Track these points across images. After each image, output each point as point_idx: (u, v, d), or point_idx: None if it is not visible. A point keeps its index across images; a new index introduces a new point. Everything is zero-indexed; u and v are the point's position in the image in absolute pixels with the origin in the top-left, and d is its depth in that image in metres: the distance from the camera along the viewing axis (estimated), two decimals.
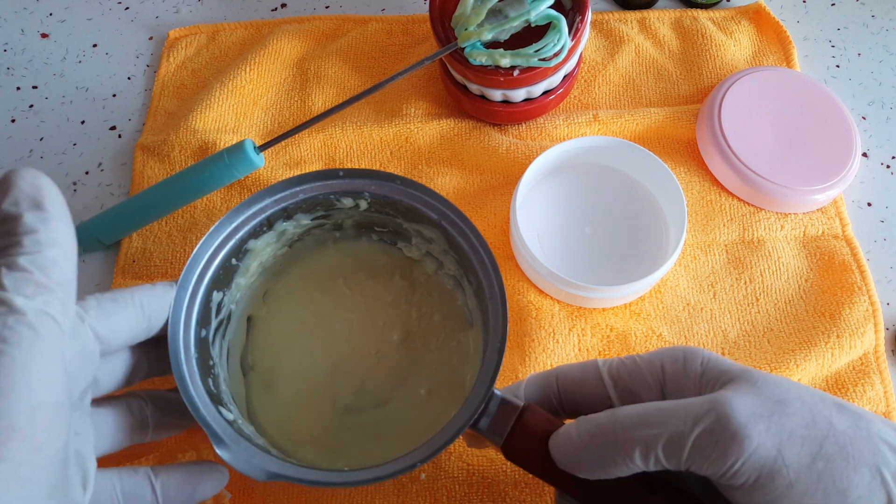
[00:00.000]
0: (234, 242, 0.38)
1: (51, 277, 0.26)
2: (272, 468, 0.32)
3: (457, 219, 0.38)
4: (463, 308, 0.42)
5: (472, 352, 0.41)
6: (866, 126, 0.54)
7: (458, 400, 0.39)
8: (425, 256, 0.43)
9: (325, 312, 0.43)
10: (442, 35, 0.48)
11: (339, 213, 0.41)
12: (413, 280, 0.44)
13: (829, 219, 0.49)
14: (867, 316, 0.45)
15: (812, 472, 0.27)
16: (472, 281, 0.39)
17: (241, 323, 0.42)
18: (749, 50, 0.57)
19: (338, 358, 0.42)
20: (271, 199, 0.38)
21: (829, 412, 0.28)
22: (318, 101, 0.54)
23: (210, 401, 0.34)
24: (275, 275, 0.43)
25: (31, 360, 0.25)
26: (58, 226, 0.27)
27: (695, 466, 0.28)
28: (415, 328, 0.42)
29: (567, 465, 0.31)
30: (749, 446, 0.27)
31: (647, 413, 0.29)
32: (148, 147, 0.52)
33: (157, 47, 0.59)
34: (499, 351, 0.34)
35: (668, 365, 0.32)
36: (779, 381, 0.29)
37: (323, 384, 0.41)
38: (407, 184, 0.39)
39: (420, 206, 0.39)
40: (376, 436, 0.40)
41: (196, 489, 0.34)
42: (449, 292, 0.43)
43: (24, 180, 0.27)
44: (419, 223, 0.40)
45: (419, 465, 0.31)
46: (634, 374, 0.32)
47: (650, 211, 0.48)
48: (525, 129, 0.52)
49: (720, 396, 0.28)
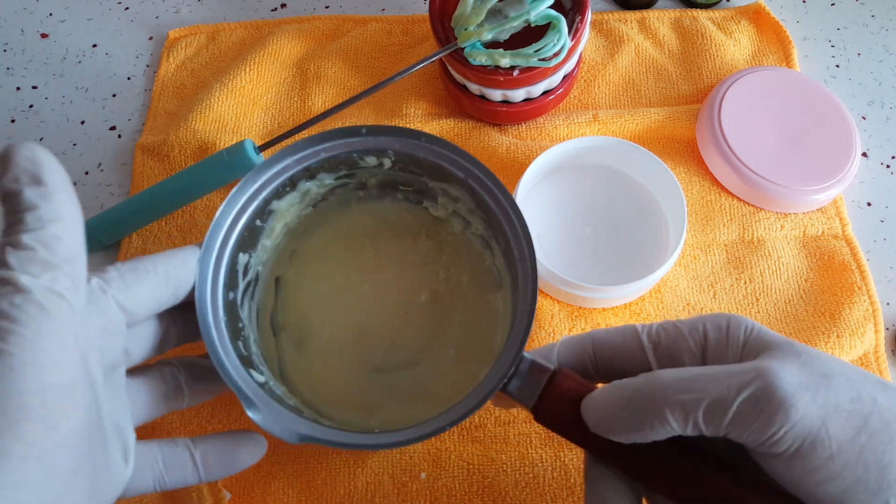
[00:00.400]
0: (258, 203, 0.37)
1: (56, 254, 0.26)
2: (303, 430, 0.32)
3: (484, 177, 0.37)
4: (491, 268, 0.41)
5: (501, 313, 0.40)
6: (866, 126, 0.54)
7: (488, 361, 0.38)
8: (452, 216, 0.42)
9: (352, 273, 0.42)
10: (442, 35, 0.48)
11: (363, 171, 0.40)
12: (440, 240, 0.43)
13: (829, 219, 0.49)
14: (867, 316, 0.45)
15: (855, 445, 0.27)
16: (500, 241, 0.38)
17: (269, 284, 0.41)
18: (749, 50, 0.57)
19: (366, 318, 0.41)
20: (293, 159, 0.37)
21: (873, 389, 0.28)
22: (318, 101, 0.54)
23: (241, 363, 0.33)
24: (301, 235, 0.43)
25: (39, 340, 0.25)
26: (59, 198, 0.26)
27: (735, 433, 0.27)
28: (442, 289, 0.42)
29: (601, 428, 0.30)
30: (795, 415, 0.26)
31: (687, 377, 0.28)
32: (148, 147, 0.52)
33: (156, 47, 0.59)
34: (528, 313, 0.33)
35: (712, 331, 0.31)
36: (824, 356, 0.29)
37: (352, 344, 0.41)
38: (432, 140, 0.38)
39: (445, 163, 0.38)
40: (407, 396, 0.39)
41: (235, 457, 0.34)
42: (477, 252, 0.42)
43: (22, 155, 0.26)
44: (445, 182, 0.39)
45: (448, 427, 0.31)
46: (677, 338, 0.31)
47: (650, 211, 0.48)
48: (525, 129, 0.52)
49: (766, 365, 0.28)
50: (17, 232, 0.26)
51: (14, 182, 0.26)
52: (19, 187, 0.26)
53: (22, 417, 0.24)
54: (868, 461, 0.26)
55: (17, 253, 0.25)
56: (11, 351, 0.24)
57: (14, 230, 0.26)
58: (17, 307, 0.24)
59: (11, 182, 0.26)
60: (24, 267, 0.25)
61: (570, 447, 0.42)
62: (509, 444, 0.42)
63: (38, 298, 0.25)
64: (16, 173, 0.26)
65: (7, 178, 0.26)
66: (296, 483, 0.41)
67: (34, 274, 0.25)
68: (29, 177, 0.26)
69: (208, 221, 0.49)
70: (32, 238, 0.25)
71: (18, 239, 0.25)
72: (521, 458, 0.41)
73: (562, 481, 0.41)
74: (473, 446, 0.42)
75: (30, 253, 0.25)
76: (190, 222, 0.50)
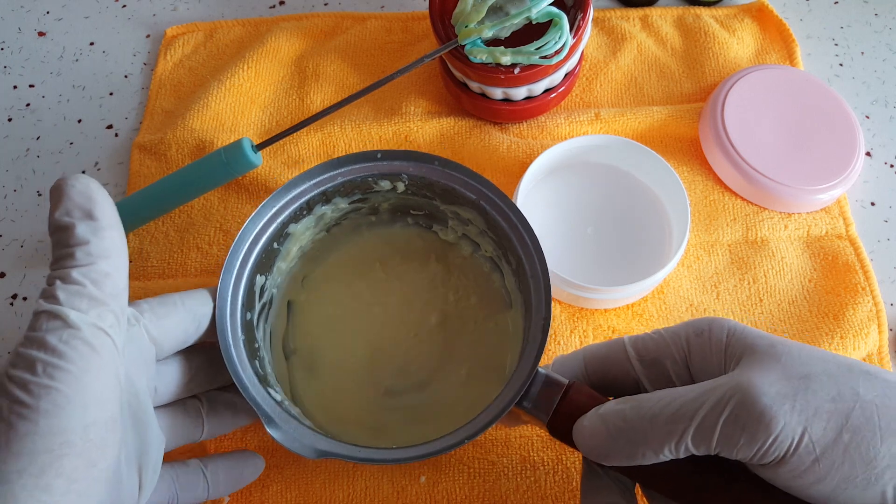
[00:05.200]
0: (276, 226, 0.38)
1: (104, 290, 0.26)
2: (322, 446, 0.33)
3: (496, 198, 0.38)
4: (500, 290, 0.43)
5: (511, 333, 0.41)
6: (870, 125, 0.54)
7: (498, 381, 0.39)
8: (461, 239, 0.44)
9: (363, 297, 0.43)
10: (442, 32, 0.47)
11: (377, 196, 0.41)
12: (449, 263, 0.44)
13: (833, 218, 0.49)
14: (871, 316, 0.45)
15: (838, 445, 0.27)
16: (511, 260, 0.39)
17: (281, 307, 0.43)
18: (752, 48, 0.56)
19: (377, 341, 0.42)
20: (311, 183, 0.39)
21: (856, 382, 0.28)
22: (317, 99, 0.54)
23: (258, 382, 0.34)
24: (312, 260, 0.44)
25: (86, 377, 0.25)
26: (109, 235, 0.27)
27: (724, 452, 0.28)
28: (452, 311, 0.43)
29: (593, 455, 0.31)
30: (776, 427, 0.27)
31: (673, 405, 0.29)
32: (145, 146, 0.52)
33: (154, 45, 0.58)
34: (543, 329, 0.34)
35: (693, 337, 0.32)
36: (805, 352, 0.29)
37: (363, 367, 0.41)
38: (445, 164, 0.39)
39: (458, 186, 0.39)
40: (418, 418, 0.40)
41: (241, 475, 0.36)
42: (485, 275, 0.43)
43: (75, 189, 0.27)
44: (457, 204, 0.40)
45: (467, 440, 0.32)
46: (660, 347, 0.33)
47: (653, 210, 0.48)
48: (526, 128, 0.52)
49: (744, 378, 0.28)
50: (67, 266, 0.26)
51: (66, 216, 0.27)
52: (72, 221, 0.27)
53: (65, 454, 0.24)
54: (854, 458, 0.27)
55: (66, 287, 0.26)
56: (59, 388, 0.24)
57: (63, 264, 0.26)
58: (65, 343, 0.25)
59: (63, 215, 0.27)
60: (71, 302, 0.26)
61: (571, 450, 0.41)
62: (510, 448, 0.41)
63: (86, 336, 0.25)
64: (68, 207, 0.27)
65: (59, 212, 0.27)
66: (294, 487, 0.41)
67: (82, 310, 0.26)
68: (82, 211, 0.27)
69: (206, 222, 0.49)
70: (82, 274, 0.26)
71: (68, 273, 0.26)
72: (522, 461, 0.41)
73: (563, 485, 0.40)
74: (473, 450, 0.41)
75: (79, 288, 0.26)
76: (187, 222, 0.49)
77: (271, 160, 0.51)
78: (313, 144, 0.52)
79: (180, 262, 0.48)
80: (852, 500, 0.27)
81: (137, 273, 0.48)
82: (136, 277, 0.47)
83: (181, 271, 0.47)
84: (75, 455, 0.24)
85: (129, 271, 0.46)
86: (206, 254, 0.48)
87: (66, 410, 0.24)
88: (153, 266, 0.48)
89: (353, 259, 0.44)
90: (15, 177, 0.52)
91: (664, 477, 0.31)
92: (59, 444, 0.24)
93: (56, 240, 0.27)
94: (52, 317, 0.25)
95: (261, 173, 0.50)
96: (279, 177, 0.50)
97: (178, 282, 0.47)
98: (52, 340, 0.25)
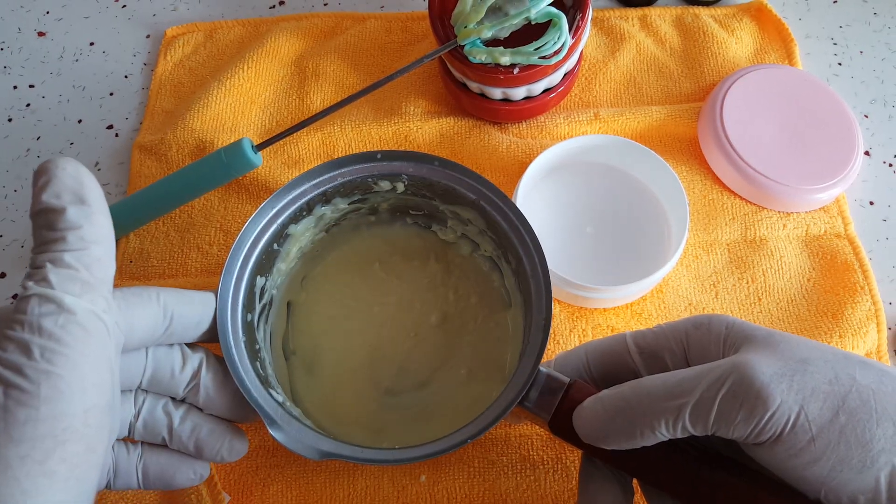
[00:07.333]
0: (276, 227, 0.38)
1: (95, 275, 0.26)
2: (325, 447, 0.33)
3: (495, 197, 0.38)
4: (500, 289, 0.43)
5: (510, 332, 0.42)
6: (868, 124, 0.54)
7: (498, 380, 0.40)
8: (460, 239, 0.44)
9: (363, 297, 0.43)
10: (441, 33, 0.47)
11: (376, 196, 0.41)
12: (448, 262, 0.44)
13: (832, 218, 0.49)
14: (869, 316, 0.45)
15: (834, 426, 0.27)
16: (511, 260, 0.39)
17: (281, 308, 0.43)
18: (751, 47, 0.56)
19: (377, 341, 0.42)
20: (311, 184, 0.39)
21: (852, 369, 0.28)
22: (317, 99, 0.54)
23: (260, 383, 0.34)
24: (312, 260, 0.44)
25: (83, 362, 0.25)
26: (100, 220, 0.27)
27: (721, 430, 0.28)
28: (452, 310, 0.43)
29: (591, 438, 0.31)
30: (773, 403, 0.27)
31: (671, 382, 0.29)
32: (145, 146, 0.52)
33: (154, 45, 0.58)
34: (543, 328, 0.34)
35: (693, 330, 0.32)
36: (802, 341, 0.29)
37: (363, 367, 0.41)
38: (445, 164, 0.39)
39: (458, 186, 0.39)
40: (419, 417, 0.40)
41: (173, 480, 0.32)
42: (485, 274, 0.43)
43: (66, 172, 0.26)
44: (456, 204, 0.40)
45: (470, 440, 0.32)
46: (660, 339, 0.33)
47: (652, 210, 0.48)
48: (525, 128, 0.52)
49: (741, 358, 0.28)
50: (58, 250, 0.26)
51: (55, 198, 0.26)
52: (62, 204, 0.26)
53: (68, 439, 0.24)
54: (850, 440, 0.27)
55: (57, 271, 0.25)
56: (59, 373, 0.24)
57: (53, 247, 0.26)
58: (62, 328, 0.24)
59: (52, 198, 0.26)
60: (64, 286, 0.25)
61: (571, 449, 0.41)
62: (510, 446, 0.41)
63: (82, 320, 0.25)
64: (58, 189, 0.26)
65: (47, 194, 0.26)
66: (294, 486, 0.41)
67: (76, 294, 0.25)
68: (73, 195, 0.26)
69: (206, 222, 0.49)
70: (74, 258, 0.26)
71: (59, 257, 0.25)
72: (522, 460, 0.41)
73: (563, 483, 0.40)
74: (474, 449, 0.42)
75: (72, 272, 0.25)
76: (188, 222, 0.49)
77: (271, 160, 0.51)
78: (313, 145, 0.52)
79: (181, 262, 0.48)
80: (846, 484, 0.27)
81: (138, 273, 0.48)
82: (136, 277, 0.48)
83: (181, 271, 0.48)
84: (76, 440, 0.24)
85: (130, 271, 0.48)
86: (206, 254, 0.48)
87: (68, 395, 0.24)
88: (153, 266, 0.48)
89: (352, 259, 0.44)
90: (15, 177, 0.52)
91: (661, 468, 0.31)
92: (61, 430, 0.24)
93: (42, 221, 0.26)
94: (45, 300, 0.25)
95: (261, 173, 0.50)
96: (279, 177, 0.50)
97: (178, 282, 0.47)
98: (48, 325, 0.24)
